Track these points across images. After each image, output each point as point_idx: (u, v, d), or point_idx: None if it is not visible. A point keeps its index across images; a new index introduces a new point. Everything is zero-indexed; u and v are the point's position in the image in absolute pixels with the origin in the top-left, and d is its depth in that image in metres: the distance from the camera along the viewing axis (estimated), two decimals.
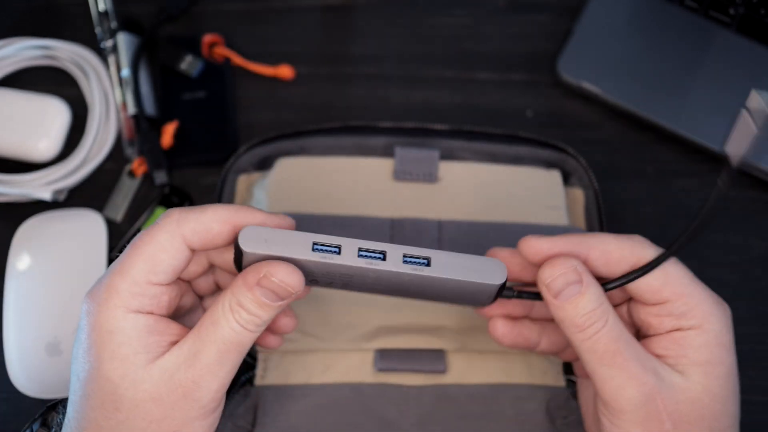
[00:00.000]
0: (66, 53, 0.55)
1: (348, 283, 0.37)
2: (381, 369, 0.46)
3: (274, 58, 0.56)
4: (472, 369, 0.46)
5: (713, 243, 0.52)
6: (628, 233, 0.37)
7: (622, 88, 0.54)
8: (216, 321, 0.33)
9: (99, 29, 0.55)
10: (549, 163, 0.51)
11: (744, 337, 0.39)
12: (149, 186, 0.53)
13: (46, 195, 0.51)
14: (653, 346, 0.36)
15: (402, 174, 0.49)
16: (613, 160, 0.54)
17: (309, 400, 0.45)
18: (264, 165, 0.50)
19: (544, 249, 0.37)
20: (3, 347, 0.48)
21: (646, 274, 0.35)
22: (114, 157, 0.54)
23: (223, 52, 0.55)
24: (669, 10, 0.56)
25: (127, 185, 0.52)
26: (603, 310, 0.35)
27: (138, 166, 0.52)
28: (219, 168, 0.51)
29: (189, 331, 0.34)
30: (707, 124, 0.53)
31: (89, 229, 0.50)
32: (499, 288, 0.36)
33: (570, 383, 0.46)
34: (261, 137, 0.50)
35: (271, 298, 0.33)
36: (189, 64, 0.55)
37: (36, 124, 0.52)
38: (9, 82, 0.55)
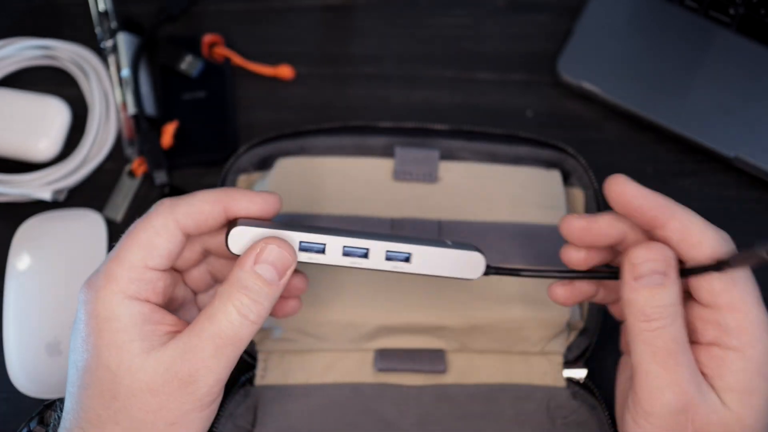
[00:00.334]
0: (66, 53, 0.55)
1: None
2: (381, 369, 0.46)
3: (274, 58, 0.56)
4: (472, 369, 0.46)
5: None
6: None
7: (622, 88, 0.54)
8: (212, 315, 0.33)
9: (99, 29, 0.55)
10: (549, 163, 0.51)
11: None
12: (149, 186, 0.53)
13: (46, 195, 0.51)
14: (694, 356, 0.35)
15: (402, 174, 0.49)
16: (613, 160, 0.54)
17: (309, 400, 0.45)
18: (264, 165, 0.50)
19: (629, 194, 0.36)
20: (3, 347, 0.48)
21: (722, 270, 0.34)
22: (114, 157, 0.54)
23: (223, 52, 0.55)
24: (669, 10, 0.56)
25: (127, 185, 0.52)
26: (675, 309, 0.34)
27: (138, 166, 0.52)
28: (219, 168, 0.51)
29: (185, 324, 0.35)
30: (707, 124, 0.53)
31: (89, 229, 0.50)
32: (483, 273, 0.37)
33: (570, 383, 0.46)
34: (261, 137, 0.50)
35: (271, 273, 0.34)
36: (189, 64, 0.55)
37: (36, 124, 0.52)
38: (9, 82, 0.55)
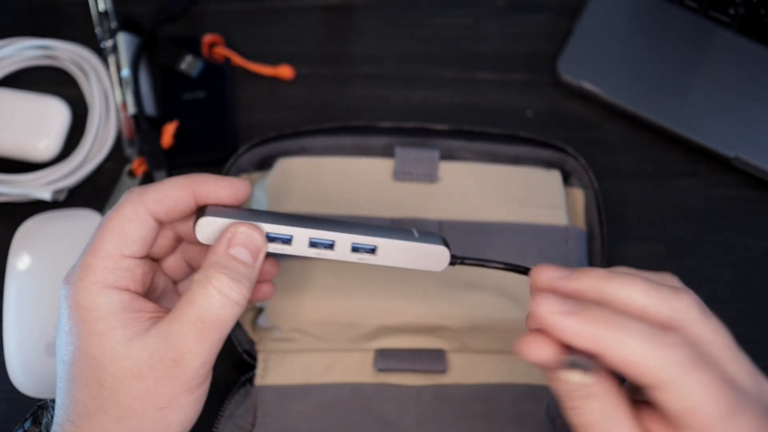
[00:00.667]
0: (66, 53, 0.55)
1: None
2: (381, 369, 0.46)
3: (274, 58, 0.56)
4: (472, 369, 0.46)
5: (713, 243, 0.52)
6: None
7: (622, 88, 0.54)
8: (191, 299, 0.33)
9: (99, 29, 0.55)
10: (549, 163, 0.51)
11: (744, 337, 0.39)
12: None
13: (46, 195, 0.51)
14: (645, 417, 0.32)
15: (402, 174, 0.49)
16: (613, 160, 0.54)
17: (309, 400, 0.45)
18: (264, 165, 0.50)
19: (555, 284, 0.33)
20: (3, 347, 0.48)
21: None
22: (114, 157, 0.54)
23: (223, 52, 0.55)
24: (669, 10, 0.56)
25: (127, 185, 0.52)
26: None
27: (138, 166, 0.52)
28: (219, 168, 0.51)
29: (167, 311, 0.35)
30: (707, 124, 0.53)
31: (89, 229, 0.50)
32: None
33: None
34: (261, 137, 0.50)
35: (246, 254, 0.34)
36: (189, 64, 0.55)
37: (36, 124, 0.52)
38: (9, 82, 0.55)
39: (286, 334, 0.46)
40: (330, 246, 0.36)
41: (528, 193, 0.49)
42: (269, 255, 0.37)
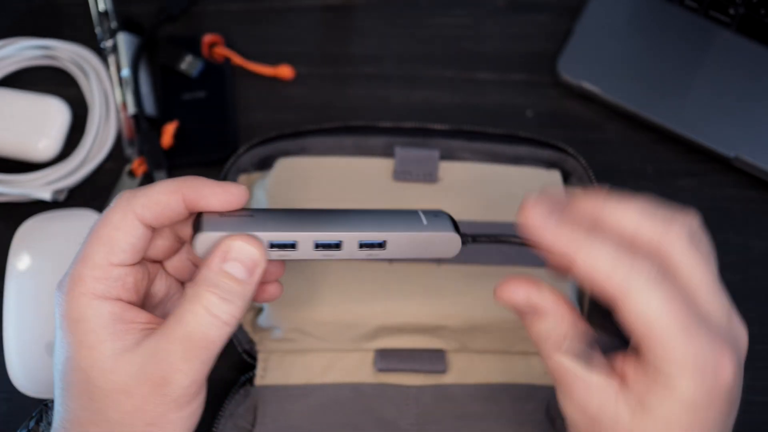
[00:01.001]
0: (66, 53, 0.55)
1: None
2: (381, 369, 0.46)
3: (274, 58, 0.56)
4: (472, 369, 0.46)
5: (713, 243, 0.52)
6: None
7: (622, 88, 0.54)
8: (180, 317, 0.32)
9: (99, 29, 0.55)
10: (549, 163, 0.51)
11: None
12: None
13: (46, 195, 0.51)
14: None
15: (402, 174, 0.49)
16: (613, 160, 0.54)
17: (309, 400, 0.45)
18: (264, 165, 0.50)
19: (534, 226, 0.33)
20: (3, 347, 0.48)
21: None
22: (114, 157, 0.54)
23: (223, 52, 0.55)
24: (669, 10, 0.56)
25: (127, 185, 0.52)
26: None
27: (138, 166, 0.52)
28: (219, 168, 0.51)
29: (161, 321, 0.33)
30: (707, 124, 0.53)
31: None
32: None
33: None
34: (261, 137, 0.50)
35: (241, 270, 0.32)
36: (189, 64, 0.55)
37: (36, 124, 0.52)
38: (9, 82, 0.55)
39: (286, 334, 0.46)
40: (337, 246, 0.35)
41: (528, 193, 0.49)
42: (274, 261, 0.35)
